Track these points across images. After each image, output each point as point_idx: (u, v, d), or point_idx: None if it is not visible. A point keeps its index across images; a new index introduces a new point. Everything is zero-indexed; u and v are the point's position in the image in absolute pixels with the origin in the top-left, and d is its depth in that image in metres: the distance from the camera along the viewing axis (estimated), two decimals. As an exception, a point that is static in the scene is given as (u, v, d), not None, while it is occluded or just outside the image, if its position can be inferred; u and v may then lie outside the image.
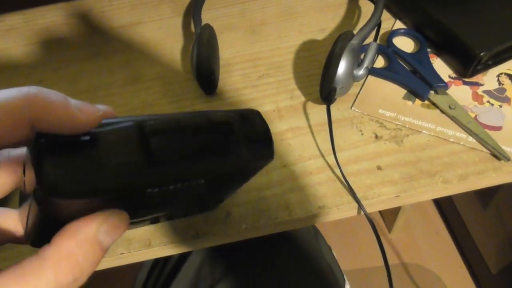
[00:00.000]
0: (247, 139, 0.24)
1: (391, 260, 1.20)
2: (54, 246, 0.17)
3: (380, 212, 1.26)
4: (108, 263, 0.36)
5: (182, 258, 0.49)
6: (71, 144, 0.18)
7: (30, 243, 0.21)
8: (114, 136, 0.19)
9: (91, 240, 0.18)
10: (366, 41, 0.42)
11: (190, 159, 0.21)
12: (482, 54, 0.39)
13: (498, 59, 0.42)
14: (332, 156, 0.39)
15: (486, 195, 1.04)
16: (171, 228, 0.36)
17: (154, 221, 0.29)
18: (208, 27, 0.43)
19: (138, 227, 0.30)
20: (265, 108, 0.43)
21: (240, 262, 0.47)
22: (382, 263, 0.38)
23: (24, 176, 0.20)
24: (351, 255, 1.19)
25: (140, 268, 0.53)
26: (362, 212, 0.37)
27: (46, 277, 0.16)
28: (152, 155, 0.19)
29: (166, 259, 0.50)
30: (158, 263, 0.51)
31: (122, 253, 0.35)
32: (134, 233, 0.36)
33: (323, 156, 0.39)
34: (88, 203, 0.18)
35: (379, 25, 0.42)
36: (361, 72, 0.40)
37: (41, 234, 0.19)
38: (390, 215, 1.19)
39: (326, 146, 0.40)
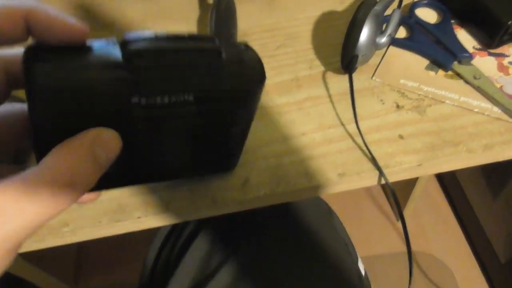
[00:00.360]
0: (231, 52, 0.23)
1: (399, 247, 1.19)
2: (52, 160, 0.18)
3: (388, 199, 1.25)
4: (125, 227, 0.35)
5: (195, 231, 0.49)
6: (60, 50, 0.19)
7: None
8: (98, 45, 0.20)
9: (87, 153, 0.19)
10: (389, 10, 0.41)
11: (169, 60, 0.21)
12: (510, 22, 0.38)
13: (524, 30, 0.40)
14: (352, 125, 0.38)
15: (496, 184, 1.03)
16: (188, 193, 0.35)
17: (166, 173, 0.28)
18: (227, -6, 0.42)
19: (150, 181, 0.30)
20: (283, 77, 0.42)
21: (254, 238, 0.46)
22: (388, 250, 0.37)
23: None
24: (360, 241, 1.18)
25: (153, 239, 0.52)
26: (382, 181, 0.36)
27: (44, 192, 0.17)
28: (131, 55, 0.20)
29: (180, 231, 0.50)
30: (172, 235, 0.51)
31: (139, 217, 0.35)
32: (151, 197, 0.35)
33: (343, 125, 0.38)
34: (76, 110, 0.19)
35: (402, -7, 0.41)
36: (384, 39, 0.39)
37: (40, 147, 0.20)
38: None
39: (346, 115, 0.39)
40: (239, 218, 0.47)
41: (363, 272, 0.51)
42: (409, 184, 1.07)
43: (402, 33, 0.44)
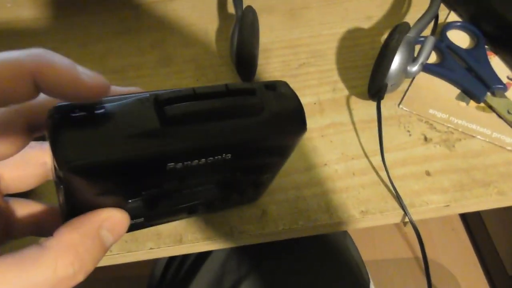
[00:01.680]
0: (272, 103, 0.21)
1: (405, 253, 1.18)
2: (57, 237, 0.17)
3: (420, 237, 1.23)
4: (136, 257, 0.34)
5: (205, 252, 0.47)
6: (85, 117, 0.17)
7: None
8: (129, 107, 0.18)
9: (94, 234, 0.18)
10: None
11: (209, 122, 0.19)
12: (550, 55, 0.36)
13: None
14: (377, 157, 0.36)
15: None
16: (204, 224, 0.34)
17: (191, 210, 0.27)
18: (251, 10, 0.40)
19: (175, 218, 0.29)
20: (306, 100, 0.40)
21: (267, 257, 0.45)
22: (394, 255, 0.36)
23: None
24: (366, 246, 1.18)
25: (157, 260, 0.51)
26: (406, 220, 0.34)
27: (45, 266, 0.16)
28: (169, 121, 0.18)
29: None
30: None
31: (151, 248, 0.33)
32: (164, 227, 0.34)
33: (367, 156, 0.37)
34: (103, 181, 0.18)
35: (436, 18, 0.39)
36: (415, 68, 0.37)
37: (69, 214, 0.19)
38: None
39: (370, 146, 0.37)
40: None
41: (374, 294, 0.50)
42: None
43: (432, 57, 0.42)
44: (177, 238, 0.34)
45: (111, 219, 0.19)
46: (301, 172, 0.36)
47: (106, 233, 0.18)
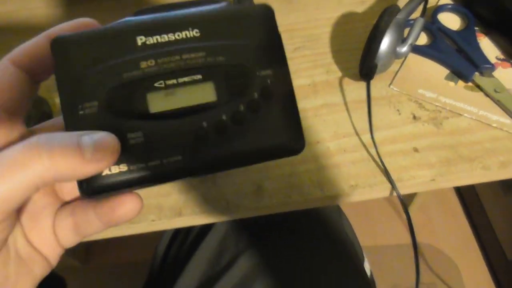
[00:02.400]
0: None
1: (405, 239, 1.20)
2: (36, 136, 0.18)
3: (407, 210, 1.25)
4: (139, 228, 0.36)
5: (205, 228, 0.49)
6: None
7: None
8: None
9: (73, 138, 0.18)
10: (412, 16, 0.40)
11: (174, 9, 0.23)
12: (535, 36, 0.37)
13: (550, 42, 0.39)
14: (367, 135, 0.38)
15: (508, 181, 1.01)
16: (202, 198, 0.36)
17: (199, 136, 0.22)
18: (247, -6, 0.41)
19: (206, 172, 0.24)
20: (300, 82, 0.42)
21: (265, 234, 0.47)
22: (394, 241, 0.38)
23: None
24: (367, 231, 1.19)
25: (162, 236, 0.53)
26: (394, 194, 0.36)
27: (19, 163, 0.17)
28: (137, 13, 0.22)
29: (189, 228, 0.51)
30: (181, 232, 0.52)
31: (153, 220, 0.35)
32: (165, 201, 0.36)
33: (358, 134, 0.38)
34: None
35: (426, 0, 0.40)
36: (404, 49, 0.38)
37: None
38: (407, 195, 1.18)
39: (361, 125, 0.39)
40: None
41: (368, 272, 0.52)
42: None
43: (423, 39, 0.43)
44: (177, 211, 0.36)
45: (95, 133, 0.19)
46: (295, 149, 0.38)
47: (87, 140, 0.18)
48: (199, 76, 0.22)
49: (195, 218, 0.36)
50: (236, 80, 0.22)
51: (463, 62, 0.40)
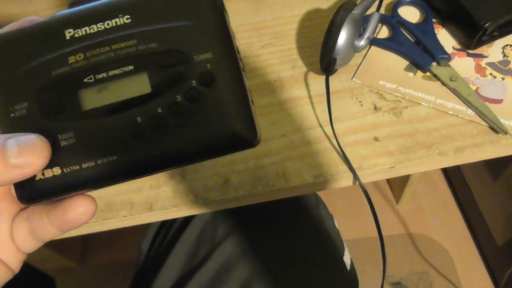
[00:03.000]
0: None
1: (398, 230, 1.22)
2: None
3: (388, 182, 1.26)
4: (112, 224, 0.38)
5: (184, 223, 0.51)
6: None
7: None
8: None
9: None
10: (370, 11, 0.41)
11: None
12: (487, 24, 0.38)
13: (504, 30, 0.41)
14: (330, 127, 0.39)
15: (496, 167, 1.03)
16: (171, 193, 0.37)
17: (135, 133, 0.21)
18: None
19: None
20: (267, 77, 0.44)
21: (240, 226, 0.49)
22: (386, 232, 0.39)
23: None
24: (355, 224, 1.21)
25: (146, 232, 0.55)
26: (356, 183, 0.38)
27: None
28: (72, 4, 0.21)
29: (170, 224, 0.52)
30: (163, 228, 0.54)
31: (124, 216, 0.37)
32: (136, 197, 0.37)
33: (321, 126, 0.40)
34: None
35: (382, -5, 0.42)
36: (362, 43, 0.40)
37: None
38: (398, 186, 1.20)
39: (325, 117, 0.40)
40: (225, 210, 0.49)
41: (348, 263, 0.53)
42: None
43: (384, 33, 0.44)
44: (148, 206, 0.37)
45: (22, 135, 0.18)
46: (261, 144, 0.39)
47: (12, 143, 0.18)
48: (130, 67, 0.20)
49: (165, 213, 0.37)
50: (171, 68, 0.20)
51: (421, 54, 0.41)
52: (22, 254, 0.22)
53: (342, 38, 0.38)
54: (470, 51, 0.41)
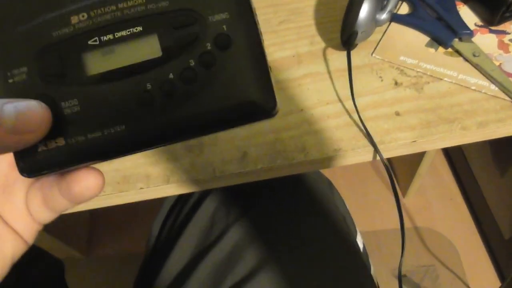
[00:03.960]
0: None
1: (404, 223, 1.21)
2: None
3: (395, 175, 1.25)
4: (128, 197, 0.37)
5: (197, 204, 0.50)
6: None
7: None
8: None
9: None
10: (391, -15, 0.41)
11: None
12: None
13: (528, 6, 0.40)
14: (350, 101, 0.39)
15: (504, 161, 1.02)
16: (189, 166, 0.37)
17: (143, 99, 0.19)
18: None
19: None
20: (285, 53, 0.43)
21: (254, 207, 0.48)
22: (393, 225, 0.38)
23: None
24: (363, 216, 1.20)
25: (160, 209, 0.55)
26: (377, 157, 0.37)
27: None
28: None
29: (182, 205, 0.52)
30: (174, 209, 0.53)
31: (141, 188, 0.36)
32: (153, 170, 0.37)
33: (341, 101, 0.39)
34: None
35: (405, -31, 0.41)
36: (384, 16, 0.39)
37: None
38: (405, 179, 1.19)
39: (344, 92, 0.39)
40: (240, 189, 0.49)
41: (361, 246, 0.53)
42: (417, 160, 1.08)
43: (405, 9, 0.44)
44: (165, 179, 0.37)
45: (21, 101, 0.17)
46: (279, 117, 0.39)
47: (10, 107, 0.16)
48: (139, 28, 0.18)
49: (182, 186, 0.37)
50: (184, 29, 0.18)
51: (443, 29, 0.40)
52: (37, 225, 0.22)
53: (364, 10, 0.37)
54: (493, 28, 0.41)
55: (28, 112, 0.17)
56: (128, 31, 0.18)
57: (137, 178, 0.37)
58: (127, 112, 0.18)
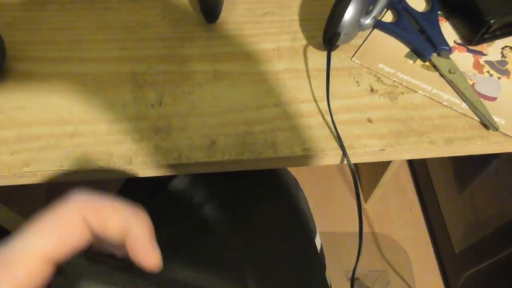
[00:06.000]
0: None
1: (363, 228, 1.24)
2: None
3: (360, 181, 1.28)
4: (86, 174, 0.36)
5: (162, 186, 0.49)
6: None
7: None
8: None
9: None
10: (378, -8, 0.41)
11: None
12: (492, 21, 0.38)
13: (506, 31, 0.41)
14: (325, 102, 0.38)
15: (463, 180, 1.06)
16: (154, 148, 0.36)
17: None
18: (219, -49, 0.40)
19: None
20: (265, 45, 0.42)
21: (220, 193, 0.47)
22: (351, 228, 0.39)
23: None
24: (323, 216, 1.22)
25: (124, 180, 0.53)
26: (344, 162, 0.37)
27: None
28: None
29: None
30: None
31: (101, 167, 0.35)
32: (116, 148, 0.35)
33: (316, 101, 0.39)
34: None
35: (394, -23, 0.41)
36: (368, 21, 0.39)
37: None
38: (368, 185, 1.21)
39: (320, 92, 0.39)
40: (205, 177, 0.48)
41: (319, 247, 0.53)
42: (382, 168, 1.10)
43: (389, 17, 0.44)
44: (127, 159, 0.35)
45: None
46: (253, 110, 0.38)
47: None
48: None
49: (144, 168, 0.36)
50: None
51: (423, 42, 0.41)
52: None
53: (349, 13, 0.37)
54: (471, 47, 0.41)
55: None
56: None
57: (98, 156, 0.35)
58: None
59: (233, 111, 0.38)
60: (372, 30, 0.42)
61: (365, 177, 1.25)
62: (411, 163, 1.33)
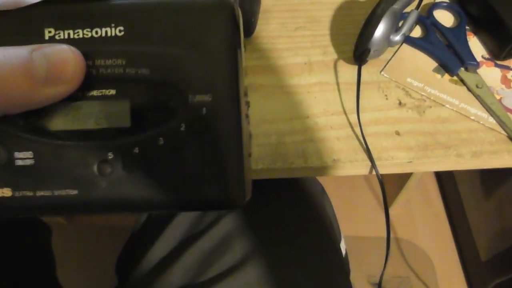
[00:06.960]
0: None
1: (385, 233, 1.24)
2: None
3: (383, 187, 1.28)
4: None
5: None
6: None
7: None
8: None
9: (21, 53, 0.15)
10: (408, 8, 0.42)
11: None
12: (520, 37, 0.39)
13: (535, 46, 0.42)
14: (354, 115, 0.40)
15: (490, 186, 1.05)
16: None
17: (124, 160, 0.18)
18: (255, -30, 0.43)
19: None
20: (297, 59, 0.44)
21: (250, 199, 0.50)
22: (375, 234, 0.40)
23: None
24: (347, 220, 1.23)
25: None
26: (373, 172, 0.39)
27: None
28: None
29: None
30: None
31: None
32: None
33: (345, 113, 0.41)
34: None
35: (423, -6, 0.42)
36: (397, 38, 0.40)
37: None
38: (393, 191, 1.21)
39: (350, 105, 0.41)
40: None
41: (343, 252, 0.55)
42: (406, 174, 1.10)
43: (417, 32, 0.45)
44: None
45: (50, 46, 0.15)
46: (285, 121, 0.40)
47: (38, 54, 0.14)
48: (112, 91, 0.17)
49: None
50: (160, 103, 0.17)
51: (451, 57, 0.42)
52: None
53: (380, 30, 0.39)
54: (498, 62, 0.42)
55: (60, 59, 0.15)
56: (100, 92, 0.17)
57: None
58: (82, 177, 0.17)
59: (266, 122, 0.40)
60: (401, 45, 0.44)
61: (389, 182, 1.25)
62: (437, 169, 1.32)
